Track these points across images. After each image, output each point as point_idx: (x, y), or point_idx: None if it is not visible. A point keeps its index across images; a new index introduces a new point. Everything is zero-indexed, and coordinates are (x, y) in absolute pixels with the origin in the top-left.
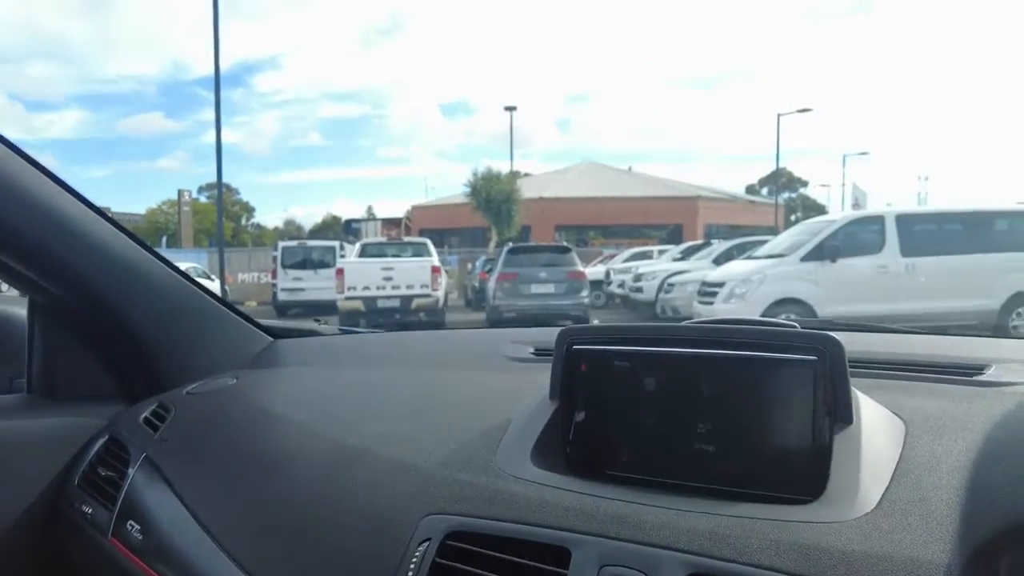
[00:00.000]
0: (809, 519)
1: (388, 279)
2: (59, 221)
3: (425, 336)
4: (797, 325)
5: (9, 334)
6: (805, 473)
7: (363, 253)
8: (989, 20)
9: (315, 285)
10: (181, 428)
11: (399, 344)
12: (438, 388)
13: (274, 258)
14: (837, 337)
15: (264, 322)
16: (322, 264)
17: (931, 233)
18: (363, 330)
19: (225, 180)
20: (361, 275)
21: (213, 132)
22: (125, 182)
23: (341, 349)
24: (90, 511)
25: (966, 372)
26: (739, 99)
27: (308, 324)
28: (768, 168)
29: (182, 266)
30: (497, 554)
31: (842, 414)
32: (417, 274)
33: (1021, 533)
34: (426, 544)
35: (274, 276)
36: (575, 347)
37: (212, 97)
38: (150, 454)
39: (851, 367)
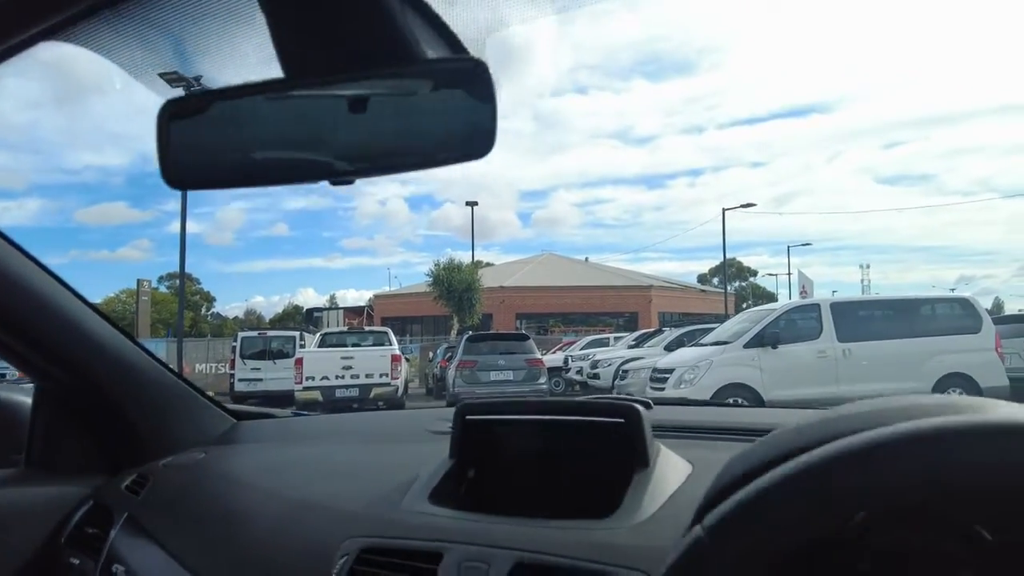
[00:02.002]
0: (599, 527)
1: (347, 368)
2: (60, 313)
3: (364, 416)
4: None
5: (10, 417)
6: (611, 500)
7: (323, 343)
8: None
9: (273, 376)
10: (159, 492)
11: (342, 424)
12: (369, 456)
13: (233, 348)
14: (638, 407)
15: (229, 406)
16: (281, 354)
17: (864, 319)
18: (312, 414)
19: (187, 270)
20: (320, 365)
21: (177, 222)
22: (83, 271)
23: (293, 429)
24: (77, 562)
25: (754, 433)
26: (686, 196)
27: (266, 409)
28: (718, 258)
29: None
30: (395, 560)
31: (640, 460)
32: (377, 363)
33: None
34: (345, 557)
35: (232, 366)
36: (468, 417)
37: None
38: (132, 513)
39: (672, 431)
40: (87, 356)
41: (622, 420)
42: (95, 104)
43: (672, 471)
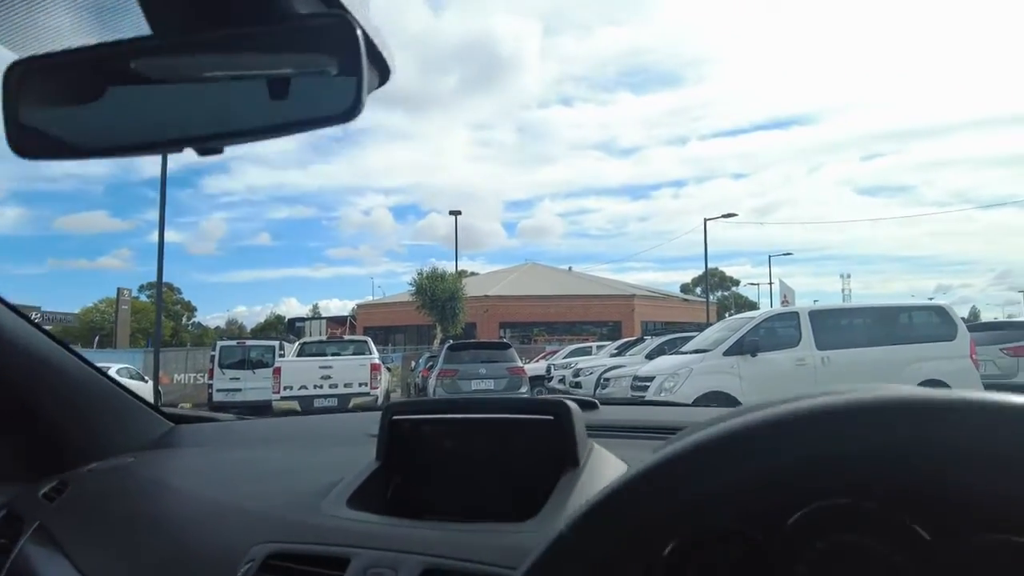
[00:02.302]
0: (514, 531)
1: (326, 378)
2: None
3: (307, 419)
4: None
5: None
6: (535, 501)
7: (302, 352)
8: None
9: (252, 385)
10: (76, 499)
11: (282, 426)
12: (301, 459)
13: (212, 358)
14: (570, 404)
15: (167, 409)
16: (260, 364)
17: (843, 327)
18: (256, 417)
19: (168, 279)
20: (298, 374)
21: (157, 231)
22: (61, 281)
23: (234, 432)
24: None
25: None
26: (670, 207)
27: (208, 412)
28: (701, 268)
29: (112, 368)
30: (300, 567)
31: (570, 459)
32: (356, 372)
33: None
34: (250, 564)
35: (211, 376)
36: (395, 417)
37: (159, 197)
38: (43, 522)
39: (619, 430)
40: None
41: (551, 417)
42: None
43: (604, 471)
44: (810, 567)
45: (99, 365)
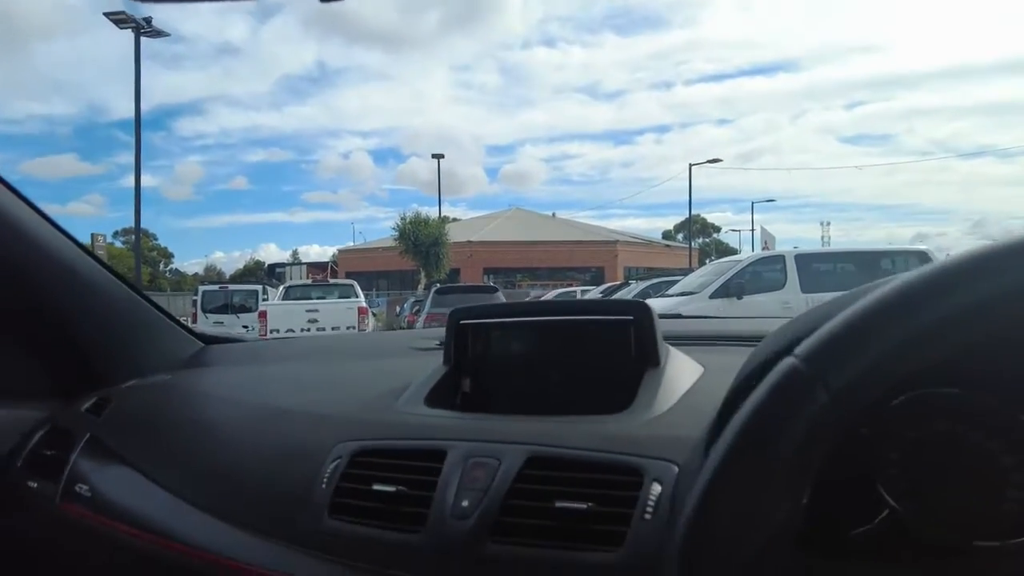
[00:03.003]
0: (613, 421)
1: (313, 321)
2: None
3: (343, 336)
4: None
5: None
6: (621, 397)
7: (287, 296)
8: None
9: (238, 329)
10: (123, 413)
11: (320, 342)
12: (353, 369)
13: (194, 302)
14: (648, 303)
15: (197, 330)
16: (244, 309)
17: (827, 272)
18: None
19: (143, 225)
20: (284, 318)
21: (131, 176)
22: None
23: (268, 350)
24: (36, 486)
25: (758, 339)
26: (653, 152)
27: (238, 334)
28: (683, 215)
29: None
30: (393, 461)
31: (651, 359)
32: (343, 316)
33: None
34: (337, 461)
35: (194, 320)
36: (462, 322)
37: (131, 140)
38: (94, 434)
39: (680, 339)
40: (23, 263)
41: (631, 318)
42: (36, 50)
43: (684, 371)
44: (906, 455)
45: None
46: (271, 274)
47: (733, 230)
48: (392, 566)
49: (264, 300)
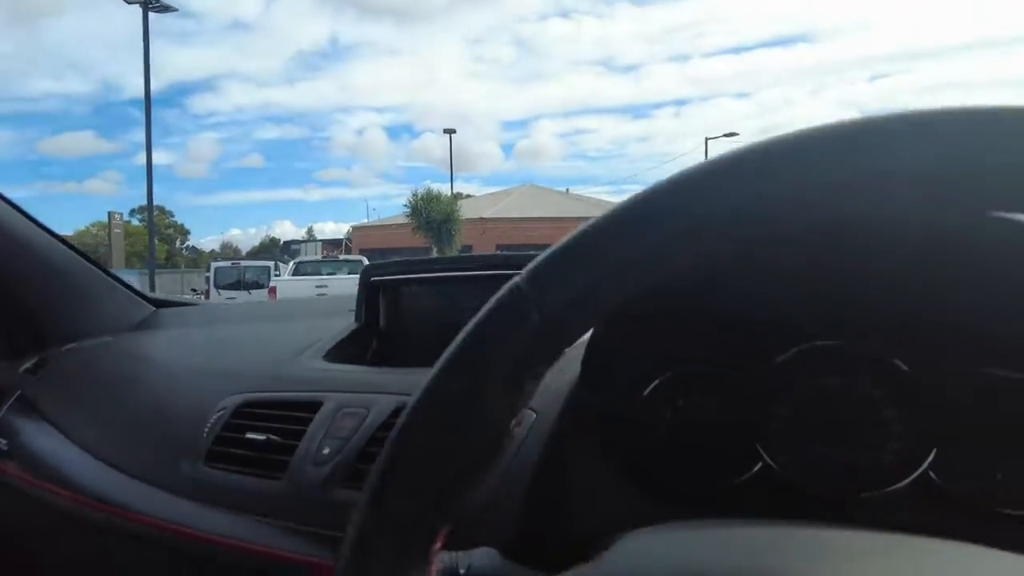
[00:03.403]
0: None
1: (322, 296)
2: None
3: (296, 300)
4: None
5: None
6: None
7: (297, 271)
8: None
9: None
10: (56, 372)
11: (268, 307)
12: (283, 329)
13: (207, 279)
14: None
15: (151, 295)
16: (256, 284)
17: None
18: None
19: (159, 202)
20: (293, 293)
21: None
22: (51, 204)
23: (216, 312)
24: None
25: None
26: (671, 127)
27: (194, 299)
28: None
29: None
30: (272, 411)
31: None
32: (351, 290)
33: None
34: (221, 412)
35: (207, 297)
36: (372, 279)
37: (144, 116)
38: (24, 392)
39: None
40: None
41: None
42: (48, 27)
43: None
44: (792, 409)
45: None
46: (286, 251)
47: None
48: (255, 511)
49: (276, 276)
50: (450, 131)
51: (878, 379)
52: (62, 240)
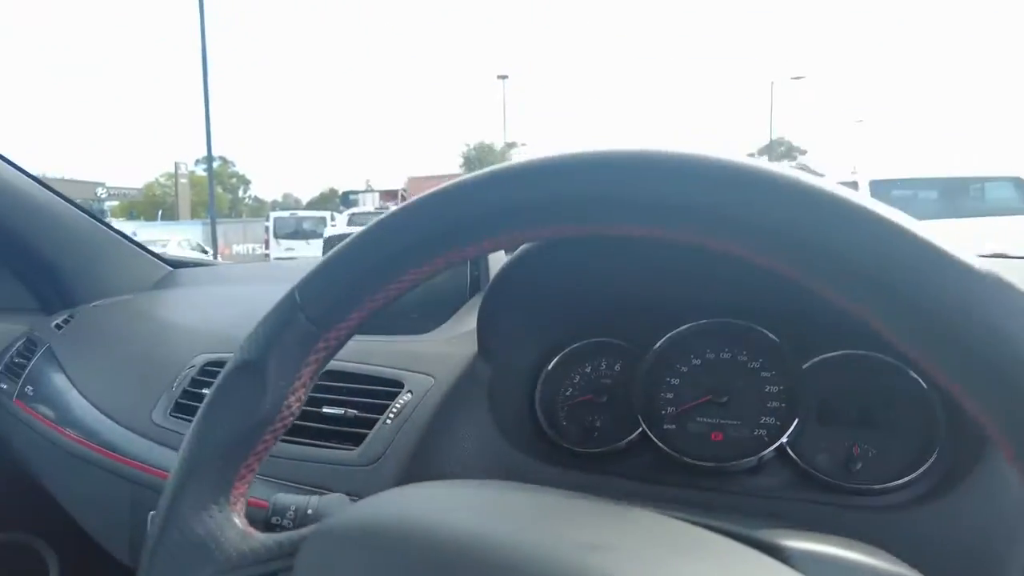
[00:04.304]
0: (414, 340)
1: None
2: None
3: (312, 261)
4: None
5: None
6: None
7: (351, 222)
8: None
9: (306, 254)
10: (78, 327)
11: (282, 268)
12: (278, 292)
13: (266, 229)
14: None
15: (168, 256)
16: (313, 234)
17: (906, 198)
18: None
19: (222, 153)
20: None
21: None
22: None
23: (230, 273)
24: (6, 387)
25: None
26: (732, 70)
27: (209, 259)
28: (773, 135)
29: (173, 240)
30: None
31: (479, 286)
32: None
33: None
34: (189, 370)
35: (267, 246)
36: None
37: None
38: (51, 345)
39: None
40: None
41: None
42: None
43: None
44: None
45: (161, 237)
46: (345, 202)
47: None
48: None
49: (333, 226)
50: (503, 77)
51: (753, 352)
52: (86, 211)
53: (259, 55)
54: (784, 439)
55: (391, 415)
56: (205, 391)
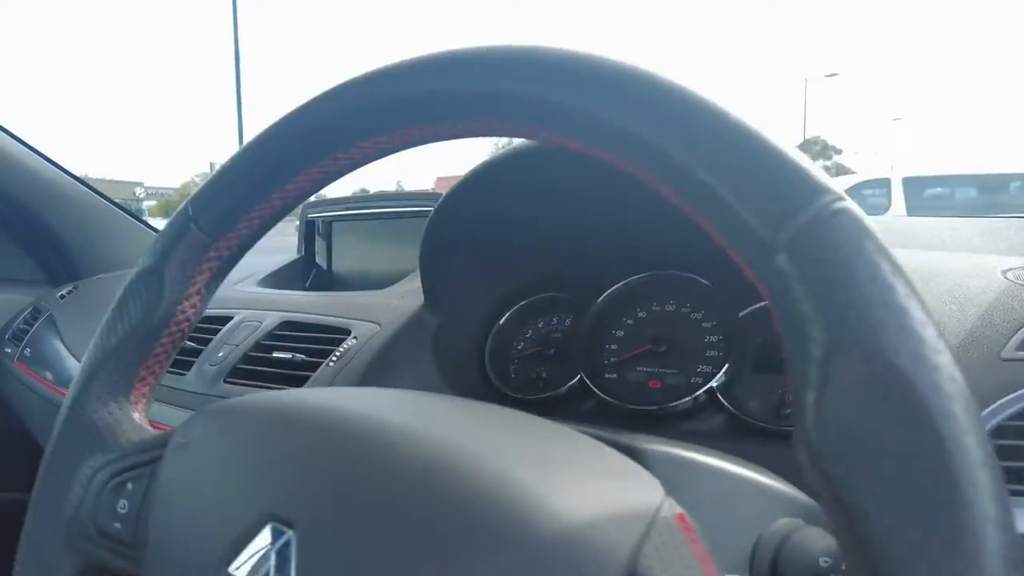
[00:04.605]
0: (371, 296)
1: None
2: None
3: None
4: None
5: None
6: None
7: None
8: None
9: None
10: (79, 297)
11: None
12: (246, 264)
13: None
14: None
15: None
16: None
17: (941, 196)
18: None
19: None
20: None
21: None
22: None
23: None
24: (10, 351)
25: None
26: (764, 67)
27: None
28: (810, 134)
29: None
30: (199, 324)
31: None
32: None
33: None
34: None
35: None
36: (309, 216)
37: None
38: (52, 313)
39: None
40: (3, 178)
41: None
42: None
43: None
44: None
45: None
46: None
47: (855, 152)
48: (168, 401)
49: None
50: None
51: (695, 303)
52: (94, 189)
53: (291, 54)
54: (714, 383)
55: (334, 358)
56: (192, 344)
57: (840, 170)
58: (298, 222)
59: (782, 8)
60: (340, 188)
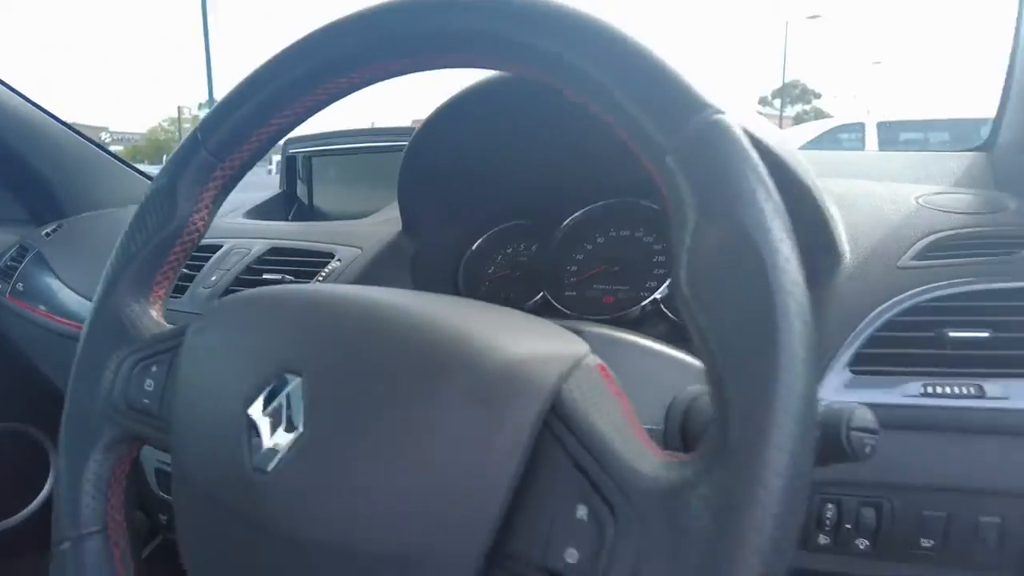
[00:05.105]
0: (354, 224)
1: None
2: None
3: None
4: None
5: None
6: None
7: None
8: None
9: None
10: (67, 236)
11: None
12: (233, 200)
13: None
14: None
15: (152, 172)
16: None
17: (915, 140)
18: None
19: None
20: None
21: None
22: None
23: None
24: (0, 287)
25: None
26: (744, 7)
27: None
28: (787, 78)
29: None
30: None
31: None
32: None
33: None
34: None
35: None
36: (290, 151)
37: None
38: (41, 250)
39: None
40: None
41: None
42: None
43: None
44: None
45: None
46: None
47: (834, 96)
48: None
49: None
50: None
51: (649, 228)
52: (73, 128)
53: None
54: (658, 295)
55: (319, 280)
56: (185, 271)
57: (819, 114)
58: (277, 157)
59: None
60: (312, 128)
